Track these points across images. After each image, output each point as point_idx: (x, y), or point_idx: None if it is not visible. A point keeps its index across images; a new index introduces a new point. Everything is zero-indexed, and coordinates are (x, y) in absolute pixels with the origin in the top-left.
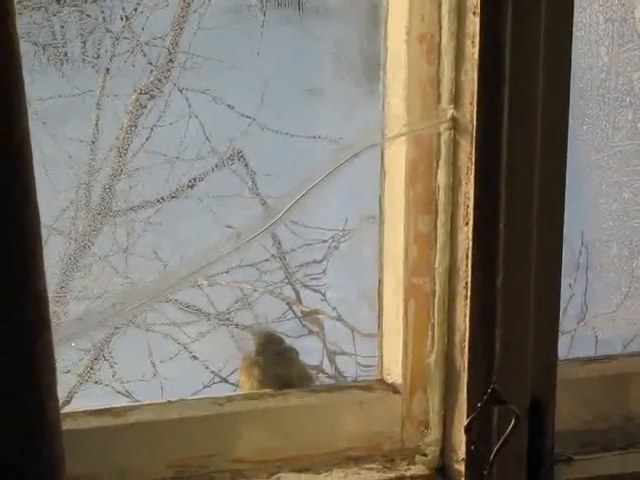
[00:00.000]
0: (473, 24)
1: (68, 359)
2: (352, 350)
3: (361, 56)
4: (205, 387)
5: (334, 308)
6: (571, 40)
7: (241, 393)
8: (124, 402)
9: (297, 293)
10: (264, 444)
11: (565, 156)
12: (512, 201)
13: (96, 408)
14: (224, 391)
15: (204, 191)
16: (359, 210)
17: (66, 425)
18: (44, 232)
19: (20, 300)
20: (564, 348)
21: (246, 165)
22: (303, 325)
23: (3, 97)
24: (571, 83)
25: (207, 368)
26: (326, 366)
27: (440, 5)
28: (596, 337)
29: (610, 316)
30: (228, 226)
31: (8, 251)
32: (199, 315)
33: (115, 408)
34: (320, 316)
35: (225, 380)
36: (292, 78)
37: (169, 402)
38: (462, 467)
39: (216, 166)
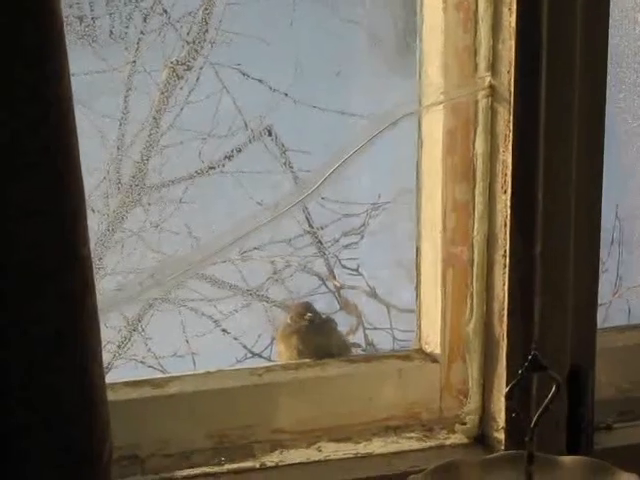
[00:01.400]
0: None
1: (103, 336)
2: (389, 325)
3: (395, 30)
4: (238, 362)
5: (370, 287)
6: (608, 6)
7: (279, 363)
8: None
9: (330, 269)
10: (303, 414)
11: (603, 123)
12: (550, 169)
13: (135, 379)
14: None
15: (237, 167)
16: (396, 182)
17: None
18: None
19: (65, 264)
20: (599, 320)
21: (278, 140)
22: (338, 301)
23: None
24: (608, 50)
25: (240, 343)
26: (362, 342)
27: None
28: (629, 309)
29: None
30: (258, 203)
31: (53, 215)
32: (232, 290)
33: (154, 379)
34: (353, 298)
35: (259, 355)
36: (324, 53)
37: (208, 373)
38: (502, 435)
39: (249, 141)
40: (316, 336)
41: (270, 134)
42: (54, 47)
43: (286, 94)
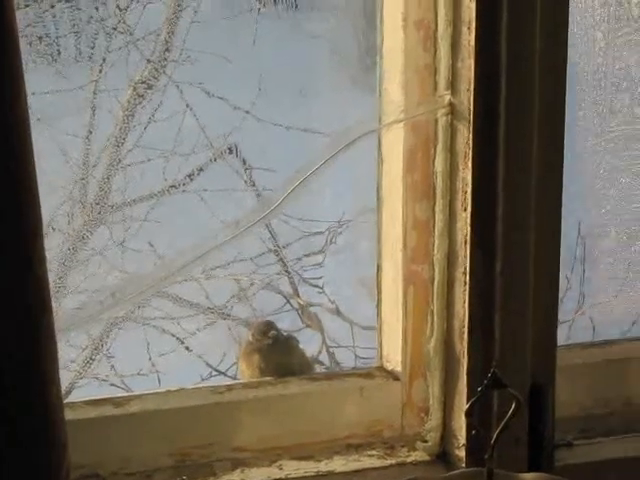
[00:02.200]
0: (469, 10)
1: (66, 355)
2: (351, 343)
3: (356, 47)
4: (203, 380)
5: (332, 302)
6: (567, 25)
7: (241, 382)
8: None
9: (294, 286)
10: (264, 432)
11: (562, 141)
12: (510, 187)
13: (96, 398)
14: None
15: (200, 185)
16: (356, 200)
17: (67, 415)
18: None
19: (21, 284)
20: (562, 338)
21: (241, 158)
22: (301, 318)
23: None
24: (567, 68)
25: (204, 361)
26: (325, 359)
27: None
28: (593, 327)
29: (607, 305)
30: (222, 221)
31: (9, 235)
32: (196, 308)
33: (115, 398)
34: (315, 310)
35: (223, 373)
36: (287, 71)
37: (169, 392)
38: (463, 453)
39: (212, 160)
40: (278, 354)
41: (233, 152)
42: (11, 68)
43: (249, 112)
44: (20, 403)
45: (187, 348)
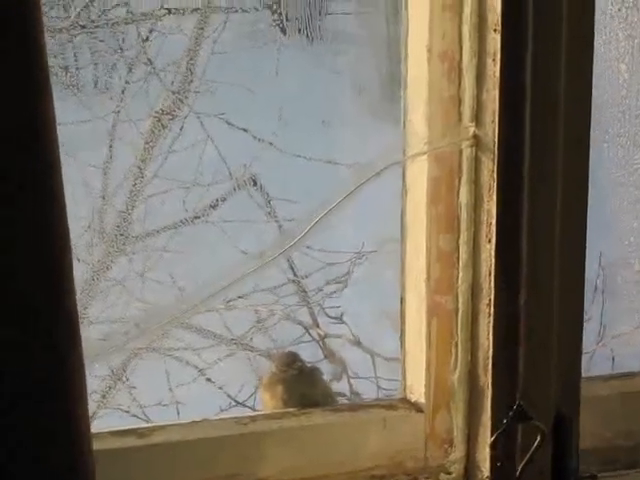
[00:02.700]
0: (494, 42)
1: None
2: (373, 374)
3: (378, 78)
4: (222, 411)
5: (354, 335)
6: (592, 57)
7: (264, 413)
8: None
9: (314, 317)
10: (288, 463)
11: (587, 173)
12: (534, 218)
13: (120, 429)
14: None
15: (221, 216)
16: (380, 231)
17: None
18: None
19: (51, 318)
20: (582, 369)
21: (262, 189)
22: (322, 350)
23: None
24: (592, 100)
25: (224, 391)
26: (346, 390)
27: (461, 23)
28: (613, 358)
29: (628, 337)
30: (243, 252)
31: (38, 267)
32: (216, 339)
33: (139, 428)
34: (337, 341)
35: (242, 404)
36: (309, 102)
37: (193, 422)
38: None
39: (233, 190)
40: (302, 385)
41: (254, 183)
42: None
43: (271, 143)
44: (51, 433)
45: (209, 380)
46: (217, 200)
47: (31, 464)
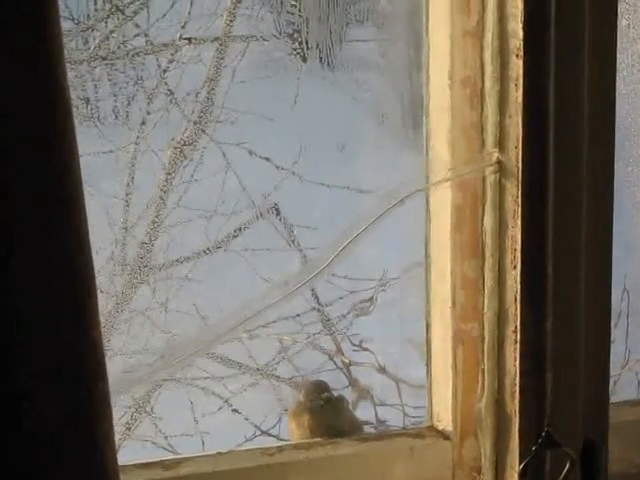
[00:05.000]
0: (516, 67)
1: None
2: (399, 402)
3: (400, 105)
4: (247, 440)
5: (379, 363)
6: (615, 81)
7: (291, 443)
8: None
9: (338, 345)
10: None
11: (612, 198)
12: (560, 243)
13: (146, 461)
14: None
15: (243, 245)
16: (404, 258)
17: None
18: None
19: (76, 350)
20: None
21: (285, 218)
22: (347, 377)
23: (61, 142)
24: (616, 124)
25: (249, 421)
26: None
27: (482, 49)
28: (639, 382)
29: None
30: (266, 280)
31: (62, 297)
32: (240, 368)
33: (166, 460)
34: (362, 369)
35: (267, 433)
36: (330, 130)
37: (219, 453)
38: None
39: (255, 219)
40: (329, 415)
41: (276, 212)
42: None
43: (292, 172)
44: (78, 466)
45: (235, 410)
46: (239, 229)
47: None
